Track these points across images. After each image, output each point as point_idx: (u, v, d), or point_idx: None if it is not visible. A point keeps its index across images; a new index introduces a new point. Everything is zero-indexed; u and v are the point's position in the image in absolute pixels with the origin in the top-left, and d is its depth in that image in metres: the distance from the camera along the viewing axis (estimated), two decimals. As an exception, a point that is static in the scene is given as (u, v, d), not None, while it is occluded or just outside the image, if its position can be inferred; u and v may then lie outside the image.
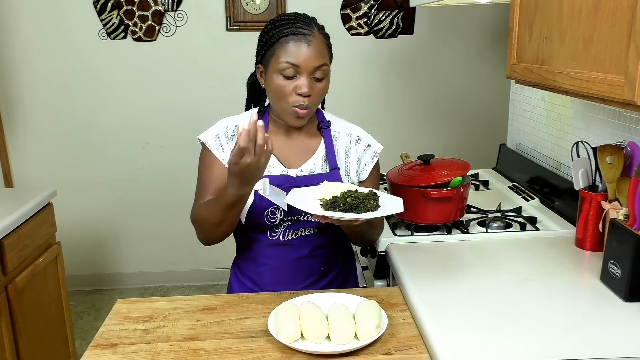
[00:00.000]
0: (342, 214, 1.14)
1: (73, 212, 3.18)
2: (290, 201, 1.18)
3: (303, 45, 1.26)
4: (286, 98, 1.29)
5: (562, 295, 1.26)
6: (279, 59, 1.27)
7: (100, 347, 1.13)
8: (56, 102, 3.11)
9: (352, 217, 1.14)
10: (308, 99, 1.29)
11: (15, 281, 1.91)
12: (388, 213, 1.18)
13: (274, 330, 1.11)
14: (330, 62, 1.33)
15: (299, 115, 1.30)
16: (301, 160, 1.39)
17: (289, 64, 1.26)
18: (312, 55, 1.26)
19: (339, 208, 1.15)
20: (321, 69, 1.29)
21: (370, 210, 1.16)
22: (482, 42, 3.17)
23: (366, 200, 1.17)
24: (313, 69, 1.27)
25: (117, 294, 3.28)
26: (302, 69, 1.27)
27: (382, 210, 1.19)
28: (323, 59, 1.29)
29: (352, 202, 1.16)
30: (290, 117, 1.32)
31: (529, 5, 1.36)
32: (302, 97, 1.28)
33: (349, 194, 1.18)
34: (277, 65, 1.28)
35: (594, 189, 1.48)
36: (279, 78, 1.28)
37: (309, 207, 1.17)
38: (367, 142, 1.44)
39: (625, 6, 0.97)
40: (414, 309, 1.22)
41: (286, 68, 1.27)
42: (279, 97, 1.30)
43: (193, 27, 3.06)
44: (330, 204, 1.16)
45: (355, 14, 3.08)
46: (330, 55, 1.34)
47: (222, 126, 1.40)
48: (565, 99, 1.89)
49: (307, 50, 1.26)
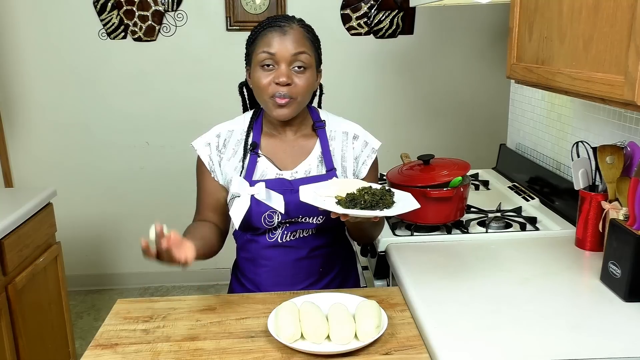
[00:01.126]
0: (363, 212, 1.15)
1: (73, 212, 3.18)
2: (305, 199, 1.18)
3: (279, 34, 1.28)
4: (266, 89, 1.29)
5: (562, 295, 1.26)
6: (257, 51, 1.29)
7: (100, 347, 1.13)
8: (56, 102, 3.11)
9: (373, 215, 1.15)
10: (288, 89, 1.28)
11: (15, 281, 1.91)
12: (406, 210, 1.18)
13: (274, 331, 1.11)
14: (315, 55, 1.33)
15: (279, 104, 1.29)
16: (296, 162, 1.39)
17: (266, 52, 1.28)
18: (287, 42, 1.28)
19: (360, 205, 1.16)
20: (300, 58, 1.28)
21: (387, 206, 1.17)
22: (482, 42, 3.17)
23: (384, 197, 1.18)
24: (290, 57, 1.28)
25: (117, 294, 3.28)
26: (279, 57, 1.27)
27: (399, 206, 1.20)
28: (301, 47, 1.29)
29: (370, 199, 1.16)
30: (272, 109, 1.31)
31: (529, 5, 1.36)
32: (280, 86, 1.28)
33: (366, 191, 1.18)
34: (256, 57, 1.30)
35: (594, 189, 1.48)
36: (259, 71, 1.30)
37: (328, 205, 1.16)
38: (365, 139, 1.43)
39: (625, 6, 0.97)
40: (414, 309, 1.22)
41: (264, 59, 1.28)
42: (260, 89, 1.30)
43: (193, 27, 3.06)
44: (350, 202, 1.17)
45: (355, 14, 3.08)
46: (314, 48, 1.33)
47: (214, 134, 1.41)
48: (565, 99, 1.89)
49: (284, 38, 1.28)
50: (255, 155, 1.37)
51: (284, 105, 1.29)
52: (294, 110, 1.32)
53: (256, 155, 1.37)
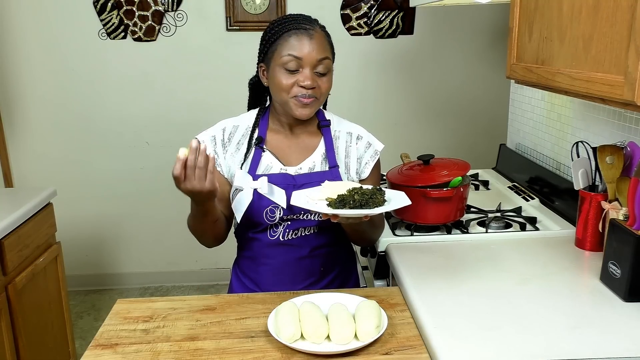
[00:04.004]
0: (352, 211, 1.15)
1: (73, 212, 3.18)
2: (296, 203, 1.19)
3: (305, 38, 1.29)
4: (288, 90, 1.30)
5: (562, 295, 1.26)
6: (281, 53, 1.29)
7: (100, 347, 1.13)
8: (56, 102, 3.11)
9: (363, 213, 1.15)
10: (311, 92, 1.30)
11: (15, 281, 1.91)
12: (396, 207, 1.19)
13: (274, 330, 1.11)
14: (332, 60, 1.35)
15: (303, 103, 1.30)
16: (300, 159, 1.39)
17: (292, 56, 1.28)
18: (314, 48, 1.28)
19: (349, 205, 1.16)
20: (323, 63, 1.30)
21: (378, 205, 1.17)
22: (482, 42, 3.17)
23: (374, 196, 1.18)
24: (315, 62, 1.29)
25: (117, 294, 3.28)
26: (305, 62, 1.28)
27: (390, 204, 1.20)
28: (325, 52, 1.31)
29: (360, 198, 1.17)
30: (294, 107, 1.32)
31: (529, 5, 1.36)
32: (305, 89, 1.29)
33: (356, 191, 1.19)
34: (280, 59, 1.30)
35: (594, 189, 1.48)
36: (282, 72, 1.30)
37: (317, 207, 1.17)
38: (368, 140, 1.44)
39: (625, 6, 0.97)
40: (414, 309, 1.22)
41: (289, 61, 1.28)
42: (282, 89, 1.31)
43: (193, 27, 3.06)
44: (339, 202, 1.17)
45: (355, 14, 3.08)
46: (332, 53, 1.35)
47: (219, 128, 1.41)
48: (565, 99, 1.89)
49: (310, 44, 1.28)
50: (260, 149, 1.38)
51: (308, 104, 1.31)
52: (315, 110, 1.34)
53: (261, 149, 1.38)
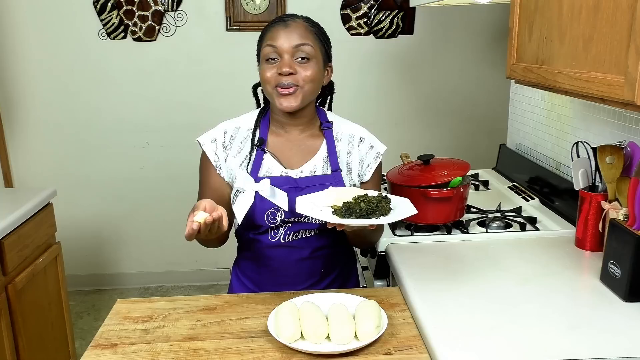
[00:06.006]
0: (359, 220, 1.14)
1: (73, 212, 3.18)
2: (302, 210, 1.18)
3: (281, 27, 1.31)
4: (270, 81, 1.30)
5: (562, 295, 1.26)
6: (262, 47, 1.32)
7: (100, 347, 1.13)
8: (56, 102, 3.11)
9: (370, 223, 1.14)
10: (292, 78, 1.28)
11: (15, 281, 1.91)
12: (403, 217, 1.17)
13: (274, 331, 1.11)
14: (320, 48, 1.33)
15: (283, 94, 1.29)
16: (302, 161, 1.39)
17: (269, 46, 1.30)
18: (290, 35, 1.29)
19: (356, 215, 1.15)
20: (302, 49, 1.29)
21: (384, 213, 1.16)
22: (482, 42, 3.17)
23: (380, 205, 1.17)
24: (292, 49, 1.29)
25: (117, 294, 3.28)
26: (281, 49, 1.29)
27: (396, 213, 1.19)
28: (303, 39, 1.30)
29: (366, 207, 1.16)
30: (277, 99, 1.31)
31: (529, 5, 1.36)
32: (283, 76, 1.28)
33: (362, 199, 1.17)
34: (262, 53, 1.32)
35: (594, 189, 1.48)
36: (264, 64, 1.32)
37: (323, 216, 1.16)
38: (371, 142, 1.43)
39: (625, 6, 0.97)
40: (413, 309, 1.22)
41: (268, 52, 1.30)
42: (264, 81, 1.32)
43: (193, 27, 3.06)
44: (345, 211, 1.16)
45: (355, 14, 3.08)
46: (320, 41, 1.34)
47: (220, 130, 1.40)
48: (565, 99, 1.89)
49: (285, 31, 1.30)
50: (262, 151, 1.37)
51: (289, 94, 1.29)
52: (300, 101, 1.31)
53: (262, 151, 1.37)
